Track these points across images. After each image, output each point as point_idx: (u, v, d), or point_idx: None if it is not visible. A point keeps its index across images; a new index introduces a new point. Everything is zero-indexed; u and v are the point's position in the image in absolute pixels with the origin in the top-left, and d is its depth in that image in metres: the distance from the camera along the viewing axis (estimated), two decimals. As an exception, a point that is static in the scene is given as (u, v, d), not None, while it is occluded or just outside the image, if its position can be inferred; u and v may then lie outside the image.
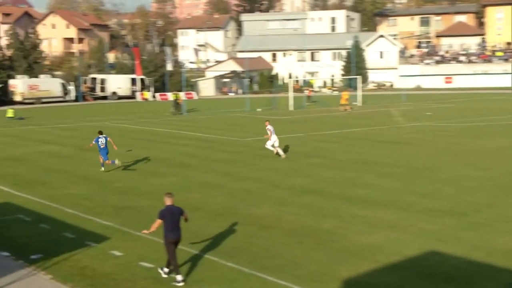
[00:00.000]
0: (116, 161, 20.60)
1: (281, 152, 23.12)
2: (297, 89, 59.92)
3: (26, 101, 56.02)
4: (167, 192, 10.64)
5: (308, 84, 74.03)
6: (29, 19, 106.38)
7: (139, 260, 11.26)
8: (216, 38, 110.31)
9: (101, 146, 20.38)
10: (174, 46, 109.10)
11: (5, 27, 75.62)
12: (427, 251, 11.56)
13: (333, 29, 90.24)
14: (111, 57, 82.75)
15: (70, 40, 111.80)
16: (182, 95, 54.19)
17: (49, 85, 58.81)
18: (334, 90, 74.13)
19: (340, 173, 19.84)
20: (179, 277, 10.06)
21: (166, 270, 10.37)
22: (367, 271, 10.53)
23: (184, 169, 21.03)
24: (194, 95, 68.18)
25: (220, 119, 39.14)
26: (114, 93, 64.08)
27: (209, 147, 26.46)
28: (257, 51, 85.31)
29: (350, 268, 10.68)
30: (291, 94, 49.88)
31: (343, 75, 75.68)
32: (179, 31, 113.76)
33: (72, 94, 60.28)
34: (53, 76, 63.99)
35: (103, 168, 20.60)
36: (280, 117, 41.30)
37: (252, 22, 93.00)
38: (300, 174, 19.82)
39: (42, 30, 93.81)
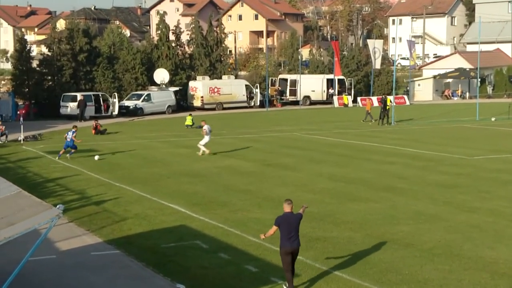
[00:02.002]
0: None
1: (203, 149, 29.36)
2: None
3: (206, 106, 60.15)
4: (287, 199, 12.28)
5: None
6: (214, 9, 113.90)
7: (333, 305, 11.44)
8: (438, 26, 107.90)
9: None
10: (383, 39, 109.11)
11: (187, 19, 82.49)
12: None
13: None
14: (305, 53, 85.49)
15: (258, 33, 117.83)
16: (391, 100, 53.88)
17: (232, 87, 62.34)
18: None
19: None
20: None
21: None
22: None
23: (390, 193, 20.89)
24: (405, 99, 67.39)
25: (439, 130, 38.12)
26: (306, 97, 65.94)
27: (424, 167, 25.92)
28: (494, 42, 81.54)
29: None
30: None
31: None
32: (390, 19, 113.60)
33: (258, 99, 63.14)
34: (237, 77, 67.77)
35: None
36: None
37: (488, 4, 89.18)
38: (551, 207, 18.47)
39: (227, 22, 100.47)
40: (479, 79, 63.29)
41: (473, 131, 39.16)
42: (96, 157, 29.37)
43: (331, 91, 66.39)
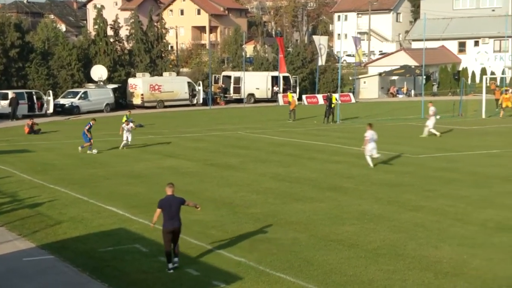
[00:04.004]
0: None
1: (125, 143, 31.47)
2: (493, 90, 57.38)
3: (146, 104, 59.68)
4: (169, 182, 13.85)
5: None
6: (154, 4, 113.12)
7: (277, 308, 11.53)
8: (383, 23, 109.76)
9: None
10: (328, 35, 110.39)
11: (126, 14, 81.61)
12: None
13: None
14: (249, 49, 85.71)
15: (201, 29, 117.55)
16: (336, 97, 54.52)
17: (174, 85, 61.99)
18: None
19: (552, 206, 18.70)
20: (170, 265, 13.42)
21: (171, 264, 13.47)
22: None
23: (336, 193, 21.14)
24: (351, 97, 68.31)
25: (385, 129, 38.76)
26: (251, 95, 66.13)
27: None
28: (439, 39, 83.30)
29: None
30: (484, 97, 47.98)
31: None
32: (335, 15, 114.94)
33: (200, 97, 63.01)
34: (179, 74, 67.45)
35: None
36: (468, 127, 39.92)
37: (433, 1, 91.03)
38: (494, 204, 19.07)
39: (168, 17, 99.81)
40: (424, 77, 64.63)
41: (418, 129, 39.92)
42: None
43: (276, 88, 66.74)
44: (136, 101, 59.54)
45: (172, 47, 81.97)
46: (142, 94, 59.25)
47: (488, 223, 17.01)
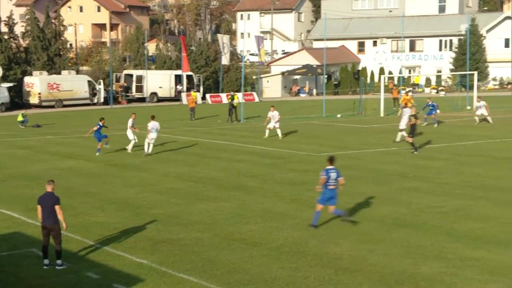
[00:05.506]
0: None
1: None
2: (391, 89, 59.25)
3: (44, 103, 58.15)
4: (49, 180, 14.36)
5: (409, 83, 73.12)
6: (51, 0, 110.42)
7: (180, 309, 11.49)
8: (285, 22, 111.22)
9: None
10: (232, 34, 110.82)
11: (21, 10, 79.15)
12: None
13: (441, 9, 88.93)
14: (151, 48, 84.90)
15: (101, 26, 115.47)
16: (239, 97, 54.87)
17: (73, 83, 60.78)
18: (440, 90, 72.94)
19: (446, 200, 19.51)
20: (46, 261, 13.74)
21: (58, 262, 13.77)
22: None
23: (239, 192, 21.26)
24: (255, 96, 68.88)
25: (288, 127, 39.31)
26: (153, 93, 65.59)
27: (272, 164, 26.62)
28: (339, 39, 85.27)
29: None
30: (382, 96, 49.48)
31: (453, 70, 74.25)
32: (238, 14, 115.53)
33: (101, 95, 61.98)
34: (79, 72, 66.14)
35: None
36: (367, 126, 41.02)
37: (333, 1, 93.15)
38: (392, 201, 19.65)
39: (67, 14, 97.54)
40: (326, 76, 65.99)
41: (320, 128, 40.76)
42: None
43: (179, 87, 66.44)
44: (33, 100, 58.00)
45: (71, 44, 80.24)
46: (39, 93, 57.78)
47: (387, 219, 17.54)
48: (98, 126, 29.54)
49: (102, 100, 61.86)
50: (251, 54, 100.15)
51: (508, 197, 19.82)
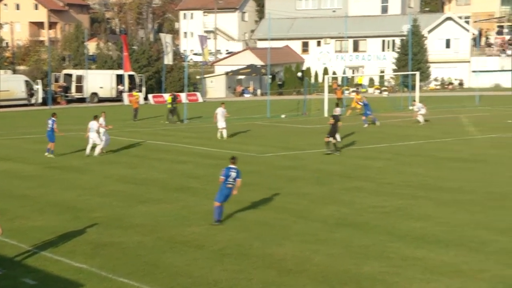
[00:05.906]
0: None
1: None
2: (335, 89, 59.88)
3: (-21, 104, 56.85)
4: None
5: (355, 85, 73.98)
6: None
7: (121, 314, 11.38)
8: (229, 22, 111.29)
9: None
10: (174, 33, 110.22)
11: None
12: (503, 306, 11.47)
13: (384, 10, 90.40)
14: (91, 47, 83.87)
15: (39, 24, 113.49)
16: (182, 97, 54.64)
17: (10, 83, 59.64)
18: (383, 91, 74.10)
19: (388, 200, 19.82)
20: None
21: None
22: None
23: (183, 193, 21.18)
24: (198, 96, 68.68)
25: (231, 128, 39.33)
26: (94, 94, 64.78)
27: (216, 165, 26.49)
28: (283, 39, 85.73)
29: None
30: (326, 96, 49.97)
31: (395, 70, 75.56)
32: (181, 13, 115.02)
33: (39, 96, 60.97)
34: (15, 72, 64.91)
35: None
36: (311, 126, 41.39)
37: (277, 1, 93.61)
38: (335, 201, 19.87)
39: (3, 12, 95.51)
40: (270, 76, 66.30)
41: (264, 128, 40.92)
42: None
43: (120, 87, 65.75)
44: (-32, 101, 56.61)
45: (7, 43, 78.58)
46: (-26, 94, 56.43)
47: (329, 219, 17.73)
48: (52, 123, 29.27)
49: (40, 100, 60.81)
50: (194, 54, 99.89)
51: (448, 196, 20.26)
